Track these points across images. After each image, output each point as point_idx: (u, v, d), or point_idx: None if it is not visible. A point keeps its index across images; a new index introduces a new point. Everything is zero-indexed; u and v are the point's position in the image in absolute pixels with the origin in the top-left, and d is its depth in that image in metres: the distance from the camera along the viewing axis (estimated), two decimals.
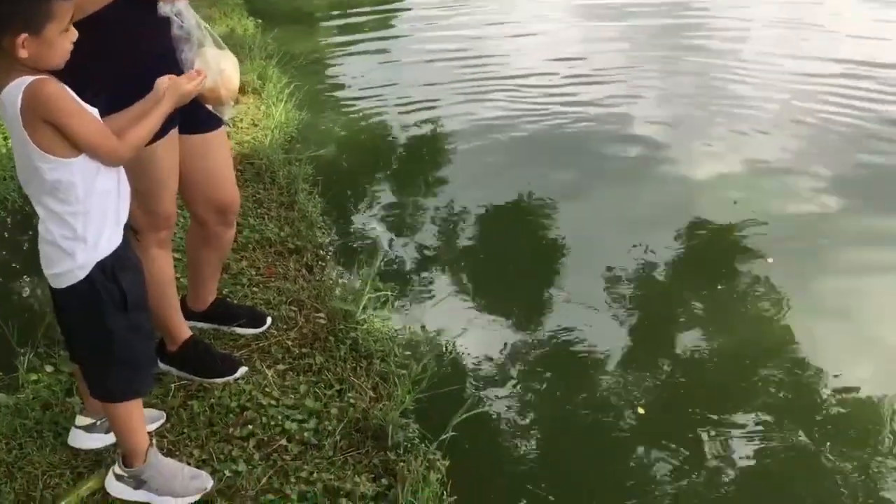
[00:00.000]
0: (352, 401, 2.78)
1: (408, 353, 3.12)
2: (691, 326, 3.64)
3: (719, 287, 3.91)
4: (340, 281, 3.61)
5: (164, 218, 2.50)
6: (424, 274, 4.05)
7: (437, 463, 2.53)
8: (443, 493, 2.46)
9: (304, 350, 3.02)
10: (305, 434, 2.62)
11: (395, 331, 3.32)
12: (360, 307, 3.20)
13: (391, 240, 4.33)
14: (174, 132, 2.38)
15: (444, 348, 3.40)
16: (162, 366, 2.76)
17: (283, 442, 2.58)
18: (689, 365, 3.41)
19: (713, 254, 4.25)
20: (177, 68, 2.19)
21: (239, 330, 3.06)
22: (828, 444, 2.98)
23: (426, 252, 4.24)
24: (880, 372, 3.33)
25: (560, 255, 4.25)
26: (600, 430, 3.06)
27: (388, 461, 2.55)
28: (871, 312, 3.72)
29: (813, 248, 4.23)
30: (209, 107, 2.37)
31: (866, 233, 4.35)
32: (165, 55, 2.23)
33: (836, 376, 3.30)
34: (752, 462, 2.91)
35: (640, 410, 3.11)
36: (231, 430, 2.61)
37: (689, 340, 3.53)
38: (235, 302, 3.23)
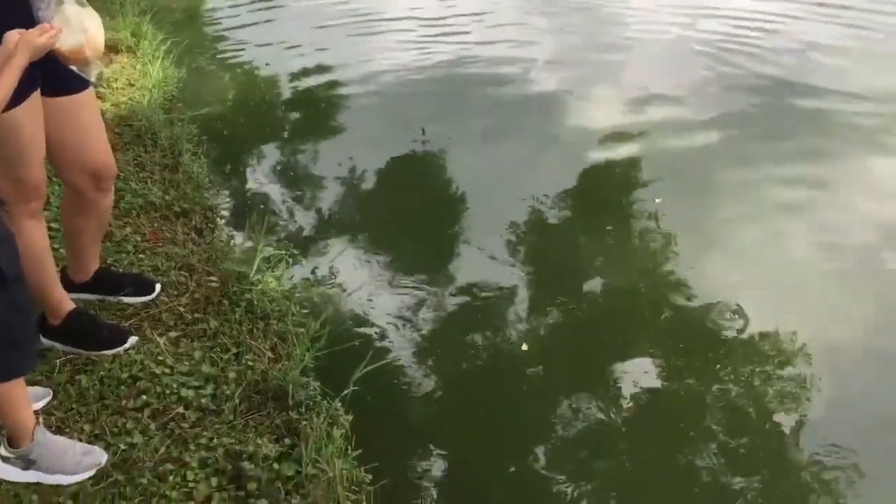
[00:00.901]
0: (250, 363, 2.73)
1: (305, 311, 3.09)
2: (584, 268, 3.73)
3: (608, 227, 4.02)
4: (232, 243, 3.53)
5: (33, 187, 2.36)
6: (318, 230, 4.00)
7: (340, 419, 2.54)
8: (347, 448, 2.46)
9: (197, 315, 2.95)
10: (203, 400, 2.56)
11: (291, 290, 3.27)
12: (254, 268, 3.14)
13: (283, 198, 4.25)
14: (36, 95, 2.23)
15: (341, 304, 3.39)
16: (45, 341, 2.64)
17: (180, 410, 2.52)
18: (583, 305, 3.51)
19: (603, 196, 4.36)
20: (32, 26, 2.04)
21: (126, 299, 2.94)
22: (718, 370, 3.14)
23: (319, 208, 4.18)
24: (766, 301, 3.51)
25: (453, 204, 4.27)
26: (498, 375, 3.12)
27: (290, 421, 2.53)
28: (756, 246, 3.89)
29: (701, 186, 4.37)
30: (74, 68, 2.23)
31: (748, 171, 4.53)
32: (21, 15, 2.08)
33: (723, 308, 3.46)
34: (646, 394, 3.03)
35: (524, 347, 3.19)
36: (124, 402, 2.52)
37: (582, 282, 3.62)
38: (121, 270, 3.11)
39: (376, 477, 2.43)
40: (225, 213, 3.91)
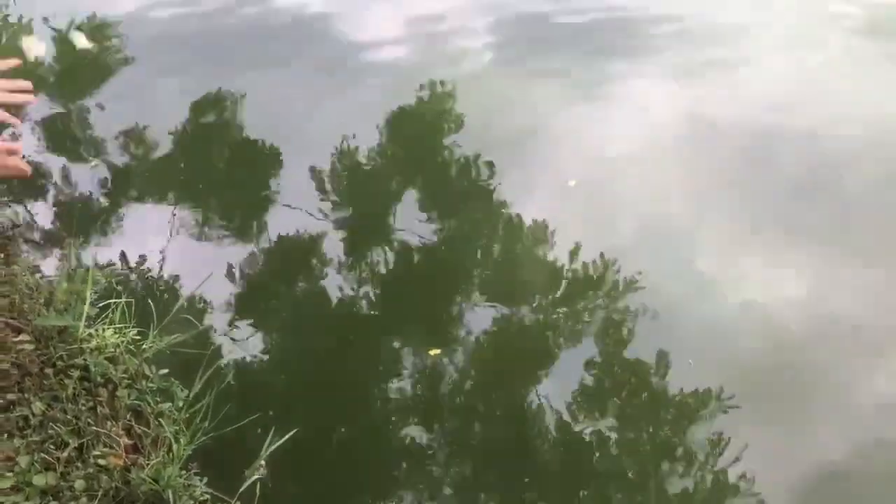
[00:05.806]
0: (101, 461, 1.99)
1: (165, 371, 2.31)
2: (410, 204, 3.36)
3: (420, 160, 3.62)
4: (41, 278, 2.63)
5: None
6: (130, 222, 3.19)
7: None
8: None
9: (10, 397, 2.12)
10: None
11: (137, 341, 2.39)
12: (83, 316, 2.30)
13: (74, 182, 3.37)
14: None
15: (203, 340, 2.63)
16: None
17: None
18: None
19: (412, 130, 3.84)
20: None
21: None
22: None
23: (123, 188, 3.37)
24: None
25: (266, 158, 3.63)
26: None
27: None
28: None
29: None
30: None
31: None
32: None
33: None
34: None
35: (433, 352, 2.74)
36: None
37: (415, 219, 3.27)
38: None
39: None
40: (16, 234, 2.96)
